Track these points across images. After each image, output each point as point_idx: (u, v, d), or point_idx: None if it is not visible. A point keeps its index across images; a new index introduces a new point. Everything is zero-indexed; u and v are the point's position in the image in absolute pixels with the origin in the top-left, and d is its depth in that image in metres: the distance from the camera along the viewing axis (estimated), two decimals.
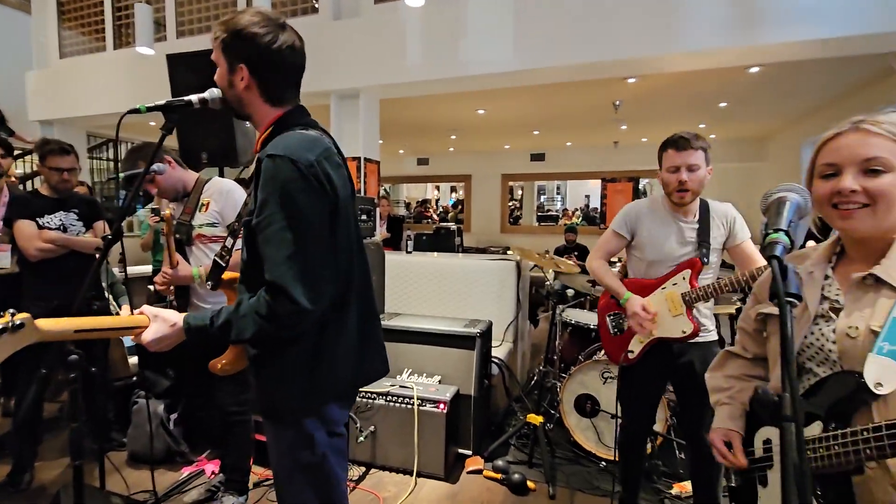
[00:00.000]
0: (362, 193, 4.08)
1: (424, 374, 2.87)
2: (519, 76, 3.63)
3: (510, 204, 13.08)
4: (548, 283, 3.64)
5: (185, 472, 2.54)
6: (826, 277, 0.96)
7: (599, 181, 9.00)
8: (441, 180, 11.60)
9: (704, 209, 1.92)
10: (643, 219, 1.97)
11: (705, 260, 1.87)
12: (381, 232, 5.61)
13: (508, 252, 6.23)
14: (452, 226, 7.64)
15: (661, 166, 1.91)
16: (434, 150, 9.90)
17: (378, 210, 4.66)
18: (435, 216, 12.51)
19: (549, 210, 15.42)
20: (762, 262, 1.82)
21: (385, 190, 11.03)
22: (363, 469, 2.62)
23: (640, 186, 8.71)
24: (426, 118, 6.42)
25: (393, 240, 5.61)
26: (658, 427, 2.58)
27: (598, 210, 10.15)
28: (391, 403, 2.61)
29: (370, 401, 2.63)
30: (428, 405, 2.57)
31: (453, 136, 7.91)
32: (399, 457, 2.60)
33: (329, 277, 1.06)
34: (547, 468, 2.56)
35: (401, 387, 2.66)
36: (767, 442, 1.00)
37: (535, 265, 3.49)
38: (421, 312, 3.65)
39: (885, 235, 0.88)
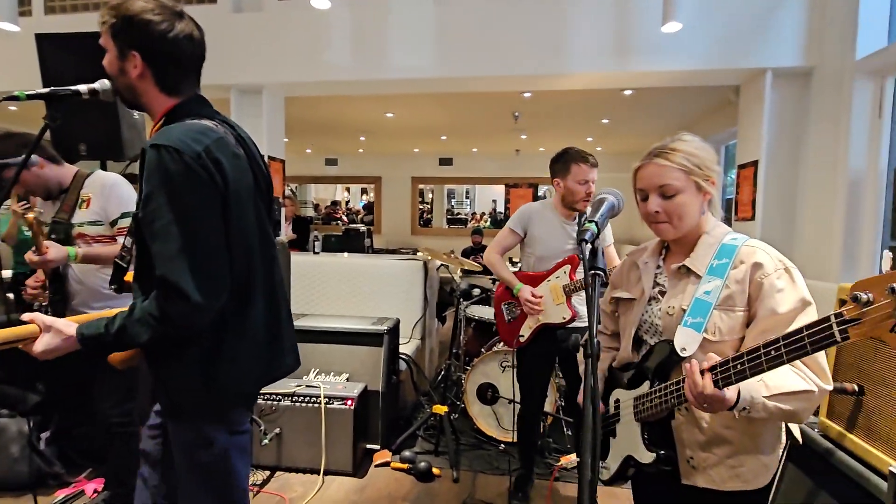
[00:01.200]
0: None
1: (332, 373, 2.89)
2: (426, 83, 3.78)
3: (421, 207, 13.31)
4: (455, 282, 3.83)
5: (61, 494, 2.30)
6: (658, 267, 1.21)
7: (503, 186, 9.53)
8: (350, 181, 11.47)
9: (582, 215, 2.22)
10: (535, 219, 2.24)
11: (580, 256, 2.17)
12: (286, 233, 5.45)
13: (418, 254, 6.39)
14: (362, 227, 7.63)
15: (563, 176, 2.16)
16: (343, 151, 9.77)
17: (283, 210, 4.54)
18: (345, 218, 12.31)
19: (458, 213, 15.91)
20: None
21: (291, 190, 10.63)
22: (268, 473, 2.58)
23: (541, 192, 9.37)
24: (334, 118, 6.35)
25: (299, 241, 5.47)
26: (548, 408, 2.87)
27: (503, 214, 10.72)
28: (297, 404, 2.60)
29: (275, 403, 2.60)
30: (335, 403, 2.60)
31: (362, 138, 7.90)
32: (306, 456, 2.59)
33: (224, 271, 1.03)
34: (452, 455, 2.72)
35: (307, 386, 2.66)
36: (617, 402, 1.22)
37: (442, 264, 3.66)
38: (329, 313, 3.64)
39: (693, 234, 1.13)
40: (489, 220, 14.10)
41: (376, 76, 3.67)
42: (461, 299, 3.35)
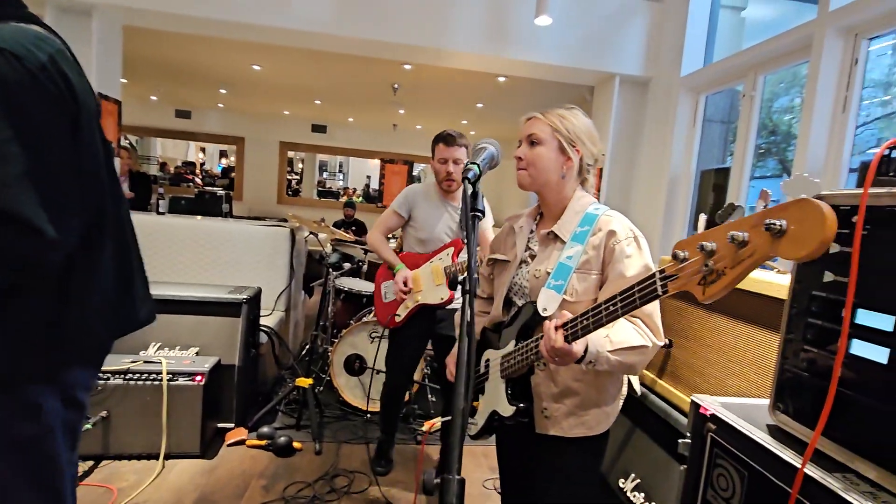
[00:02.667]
0: None
1: (178, 347, 2.57)
2: (300, 37, 3.49)
3: (290, 176, 12.47)
4: (325, 253, 3.67)
5: None
6: (531, 232, 1.29)
7: (379, 161, 9.39)
8: (207, 140, 10.16)
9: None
10: (419, 202, 2.23)
11: (465, 241, 2.23)
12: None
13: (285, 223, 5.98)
14: (220, 190, 6.86)
15: (432, 156, 2.18)
16: (198, 104, 8.61)
17: (120, 164, 3.84)
18: (199, 181, 10.94)
19: (330, 186, 15.29)
20: None
21: (130, 142, 9.06)
22: (91, 463, 2.21)
23: (416, 172, 9.46)
24: (189, 62, 5.53)
25: (137, 201, 4.72)
26: (416, 376, 2.95)
27: (377, 189, 10.61)
28: (132, 382, 2.26)
29: (101, 382, 2.22)
30: (181, 379, 2.32)
31: (223, 91, 7.04)
32: (143, 441, 2.28)
33: (77, 201, 0.87)
34: (315, 427, 2.64)
35: (146, 362, 2.32)
36: (487, 362, 1.29)
37: (311, 232, 3.47)
38: (178, 281, 3.22)
39: (562, 203, 1.22)
40: (362, 196, 13.82)
41: (239, 18, 3.26)
42: (330, 270, 3.23)
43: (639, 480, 1.56)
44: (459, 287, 1.56)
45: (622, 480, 1.63)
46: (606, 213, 1.17)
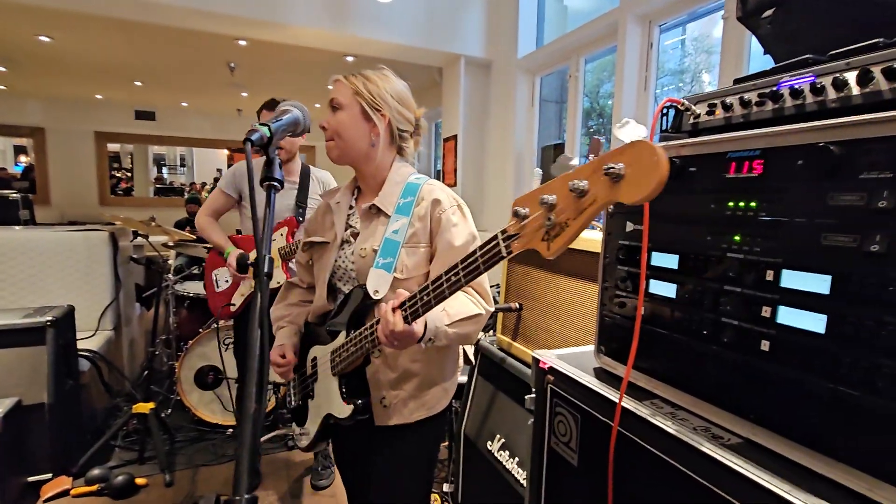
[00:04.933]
0: None
1: None
2: (96, 1, 2.91)
3: (118, 175, 10.64)
4: (159, 256, 3.18)
5: None
6: (351, 208, 1.18)
7: (227, 150, 8.49)
8: None
9: (305, 173, 2.11)
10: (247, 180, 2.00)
11: (301, 219, 2.07)
12: None
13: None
14: (13, 194, 5.54)
15: None
16: None
17: None
18: None
19: (172, 182, 13.46)
20: None
21: None
22: None
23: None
24: None
25: None
26: (278, 378, 2.73)
27: None
28: None
29: None
30: None
31: (2, 69, 5.65)
32: None
33: None
34: (162, 456, 2.30)
35: None
36: (315, 360, 1.15)
37: (138, 234, 2.98)
38: None
39: (381, 175, 1.13)
40: (210, 190, 12.44)
41: None
42: (164, 275, 2.81)
43: (504, 440, 1.64)
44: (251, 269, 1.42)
45: (489, 443, 1.70)
46: (429, 183, 1.13)
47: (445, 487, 1.92)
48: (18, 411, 2.02)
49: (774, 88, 0.72)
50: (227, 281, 2.05)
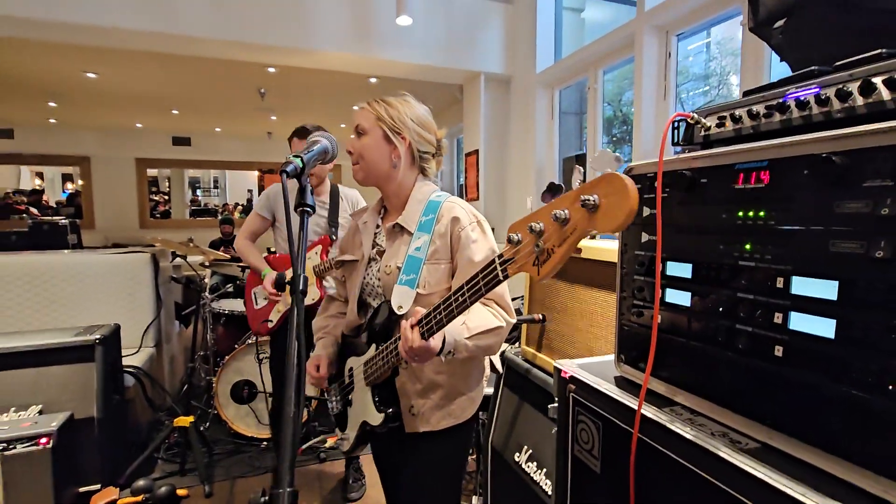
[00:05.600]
0: None
1: (13, 409, 2.15)
2: (138, 38, 3.12)
3: (156, 198, 11.16)
4: (198, 276, 3.33)
5: None
6: (377, 227, 1.25)
7: (257, 172, 8.82)
8: (39, 161, 8.70)
9: (335, 193, 2.21)
10: (280, 201, 2.11)
11: (334, 237, 2.16)
12: None
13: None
14: (62, 220, 5.91)
15: (290, 152, 2.08)
16: (22, 120, 7.31)
17: None
18: (34, 210, 9.28)
19: (206, 204, 14.03)
20: None
21: None
22: None
23: None
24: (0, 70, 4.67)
25: None
26: (313, 392, 2.80)
27: None
28: None
29: None
30: (20, 446, 1.94)
31: (53, 104, 6.06)
32: None
33: None
34: (201, 468, 2.39)
35: None
36: (351, 370, 1.22)
37: (177, 255, 3.13)
38: (9, 329, 2.70)
39: (404, 194, 1.20)
40: (242, 211, 12.90)
41: (57, 16, 2.82)
42: (202, 294, 2.94)
43: (531, 451, 1.65)
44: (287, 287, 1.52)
45: (517, 454, 1.71)
46: (449, 200, 1.17)
47: (474, 500, 1.93)
48: (71, 425, 2.14)
49: (781, 100, 0.74)
50: (265, 299, 2.15)
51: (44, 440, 1.99)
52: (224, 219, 6.13)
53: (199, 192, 15.73)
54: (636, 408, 0.79)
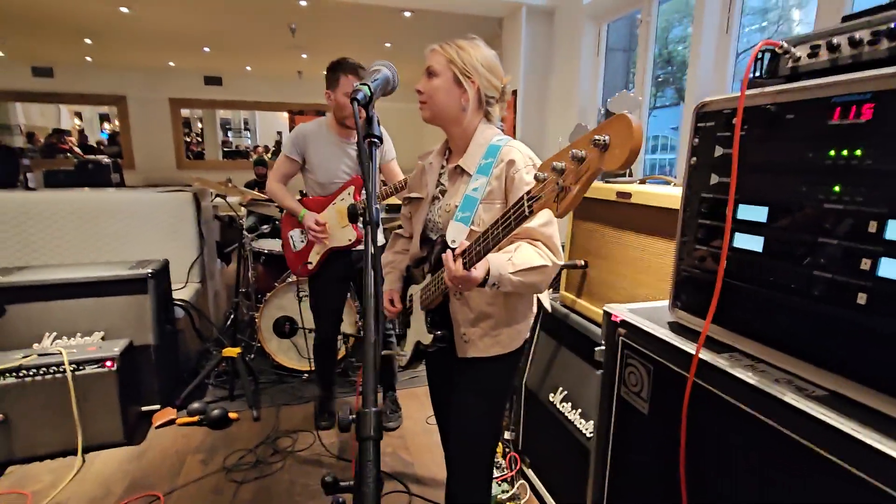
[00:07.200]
0: None
1: (79, 334, 2.33)
2: None
3: (189, 139, 11.29)
4: (237, 215, 3.41)
5: None
6: (442, 167, 1.29)
7: (287, 114, 8.75)
8: (78, 101, 8.82)
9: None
10: (311, 143, 2.09)
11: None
12: None
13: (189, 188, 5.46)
14: (105, 159, 6.09)
15: (334, 87, 2.01)
16: (61, 59, 7.36)
17: None
18: (77, 149, 9.57)
19: (237, 146, 14.14)
20: (403, 176, 2.18)
21: None
22: None
23: None
24: (37, 6, 4.64)
25: (2, 176, 4.06)
26: (350, 329, 2.92)
27: None
28: (28, 379, 2.03)
29: None
30: (88, 367, 2.12)
31: (88, 41, 6.06)
32: (55, 439, 2.09)
33: None
34: (249, 395, 2.56)
35: (41, 356, 2.08)
36: (411, 297, 1.32)
37: (218, 195, 3.20)
38: (64, 262, 2.86)
39: (467, 136, 1.22)
40: (273, 153, 12.97)
41: None
42: (244, 233, 3.03)
43: (566, 392, 1.69)
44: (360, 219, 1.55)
45: (552, 395, 1.75)
46: (508, 144, 1.19)
47: (507, 435, 2.02)
48: (131, 350, 2.31)
49: (892, 26, 0.65)
50: (302, 241, 2.18)
51: (108, 363, 2.16)
52: (258, 160, 6.17)
53: (230, 133, 15.81)
54: (692, 352, 0.79)
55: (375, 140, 0.81)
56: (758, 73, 0.80)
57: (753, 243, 0.74)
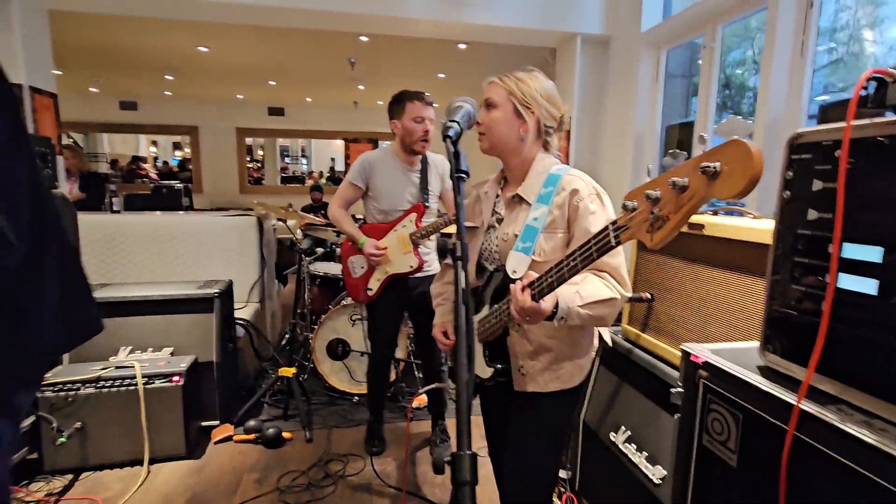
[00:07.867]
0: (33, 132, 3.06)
1: (150, 349, 2.46)
2: (244, 10, 3.28)
3: (250, 165, 12.01)
4: (296, 239, 3.56)
5: None
6: (497, 196, 1.28)
7: (342, 141, 9.14)
8: (156, 132, 9.64)
9: (424, 160, 2.20)
10: (376, 169, 2.14)
11: (427, 204, 2.17)
12: (71, 191, 4.37)
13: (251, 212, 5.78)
14: (177, 184, 6.56)
15: (399, 115, 2.08)
16: (144, 93, 8.11)
17: (65, 164, 3.59)
18: (153, 175, 10.40)
19: (294, 172, 14.88)
20: None
21: (74, 140, 8.50)
22: (70, 477, 2.12)
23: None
24: (127, 48, 5.16)
25: (89, 201, 4.46)
26: (400, 354, 2.93)
27: (343, 171, 10.34)
28: (105, 390, 2.16)
29: (72, 392, 2.11)
30: (158, 381, 2.24)
31: (169, 77, 6.64)
32: (124, 448, 2.20)
33: (25, 201, 0.73)
34: (302, 415, 2.60)
35: (117, 368, 2.22)
36: None
37: (279, 219, 3.35)
38: (141, 280, 3.07)
39: (525, 165, 1.22)
40: (327, 178, 13.50)
41: None
42: (303, 256, 3.14)
43: (630, 433, 1.60)
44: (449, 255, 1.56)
45: (613, 434, 1.66)
46: (569, 173, 1.17)
47: (563, 474, 1.93)
48: (196, 366, 2.42)
49: None
50: (362, 268, 2.22)
51: (176, 378, 2.27)
52: (315, 186, 6.46)
53: (287, 159, 16.67)
54: (792, 401, 0.72)
55: (463, 175, 0.82)
56: (863, 104, 0.75)
57: (865, 285, 0.68)
